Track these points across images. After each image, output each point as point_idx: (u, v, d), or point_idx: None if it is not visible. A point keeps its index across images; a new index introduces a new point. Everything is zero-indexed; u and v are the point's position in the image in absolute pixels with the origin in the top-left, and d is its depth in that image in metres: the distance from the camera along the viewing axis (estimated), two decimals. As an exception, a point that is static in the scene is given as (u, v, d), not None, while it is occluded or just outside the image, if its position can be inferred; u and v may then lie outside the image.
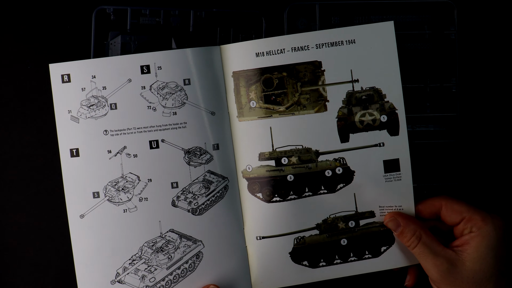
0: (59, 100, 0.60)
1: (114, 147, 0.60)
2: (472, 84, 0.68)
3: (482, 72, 0.68)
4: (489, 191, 0.68)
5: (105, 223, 0.60)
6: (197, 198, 0.60)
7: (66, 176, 0.59)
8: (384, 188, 0.60)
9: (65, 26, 0.66)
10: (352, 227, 0.61)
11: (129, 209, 0.60)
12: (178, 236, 0.60)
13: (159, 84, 0.60)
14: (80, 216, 0.59)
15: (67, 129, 0.59)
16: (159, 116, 0.60)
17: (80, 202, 0.59)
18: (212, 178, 0.60)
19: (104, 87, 0.60)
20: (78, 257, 0.59)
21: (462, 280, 0.55)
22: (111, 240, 0.60)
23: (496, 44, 0.68)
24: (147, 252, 0.60)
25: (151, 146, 0.60)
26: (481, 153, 0.68)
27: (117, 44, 0.65)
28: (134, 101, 0.60)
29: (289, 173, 0.60)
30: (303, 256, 0.61)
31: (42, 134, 0.66)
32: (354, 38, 0.59)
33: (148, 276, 0.60)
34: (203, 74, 0.60)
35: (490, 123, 0.68)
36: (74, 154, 0.59)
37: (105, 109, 0.60)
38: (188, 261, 0.60)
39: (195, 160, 0.60)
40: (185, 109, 0.60)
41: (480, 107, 0.68)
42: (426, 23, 0.66)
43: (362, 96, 0.58)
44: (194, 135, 0.60)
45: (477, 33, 0.68)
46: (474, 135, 0.68)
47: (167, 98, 0.60)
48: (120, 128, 0.60)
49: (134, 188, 0.60)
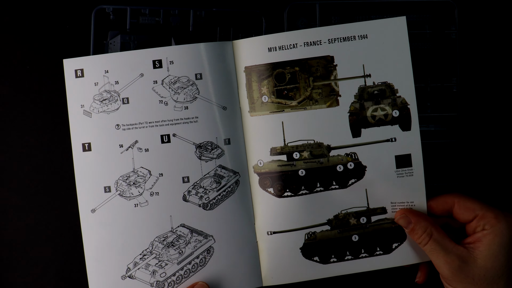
0: (72, 94, 0.59)
1: (125, 141, 0.59)
2: (473, 84, 0.68)
3: (483, 71, 0.68)
4: (490, 191, 0.68)
5: (116, 217, 0.59)
6: (208, 192, 0.60)
7: (78, 171, 0.59)
8: (396, 184, 0.59)
9: (64, 25, 0.65)
10: (364, 223, 0.61)
11: (140, 203, 0.59)
12: (189, 231, 0.60)
13: (171, 78, 0.60)
14: (92, 210, 0.59)
15: (79, 123, 0.59)
16: (171, 110, 0.60)
17: (92, 196, 0.59)
18: (223, 172, 0.60)
19: (117, 82, 0.59)
20: (88, 252, 0.59)
21: (473, 277, 0.54)
22: (122, 234, 0.59)
23: (497, 43, 0.68)
24: (158, 247, 0.59)
25: (163, 141, 0.60)
26: (482, 153, 0.68)
27: (116, 44, 0.64)
28: (146, 96, 0.60)
29: (301, 168, 0.60)
30: (314, 251, 0.61)
31: (41, 135, 0.65)
32: (366, 33, 0.58)
33: (159, 271, 0.59)
34: (215, 69, 0.60)
35: (491, 123, 0.68)
36: (86, 148, 0.59)
37: (117, 104, 0.59)
38: (199, 256, 0.60)
39: (206, 155, 0.60)
40: (196, 104, 0.60)
41: (481, 107, 0.68)
42: (426, 23, 0.66)
43: (374, 91, 0.58)
44: (205, 129, 0.60)
45: (478, 32, 0.68)
46: (475, 135, 0.67)
47: (179, 92, 0.60)
48: (132, 123, 0.59)
49: (145, 183, 0.59)
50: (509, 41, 0.68)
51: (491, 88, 0.68)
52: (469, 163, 0.67)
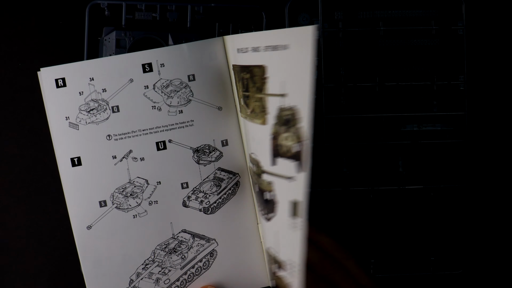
0: (54, 106, 0.57)
1: (119, 152, 0.57)
2: (480, 82, 0.67)
3: (491, 69, 0.67)
4: (498, 193, 0.67)
5: (115, 231, 0.57)
6: (209, 197, 0.58)
7: (68, 188, 0.57)
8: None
9: (57, 21, 0.65)
10: None
11: (139, 214, 0.58)
12: (190, 236, 0.58)
13: (163, 82, 0.58)
14: (87, 227, 0.57)
15: (65, 137, 0.57)
16: (165, 115, 0.58)
17: (86, 213, 0.57)
18: (223, 175, 0.59)
19: (104, 89, 0.57)
20: (87, 269, 0.57)
21: None
22: (122, 247, 0.57)
23: (505, 40, 0.67)
24: (160, 254, 0.58)
25: (158, 148, 0.58)
26: (490, 153, 0.67)
27: (111, 40, 0.64)
28: (138, 102, 0.57)
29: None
30: None
31: (33, 135, 0.65)
32: (287, 43, 0.46)
33: (163, 278, 0.58)
34: (207, 68, 0.58)
35: (500, 122, 0.67)
36: (76, 163, 0.57)
37: (107, 113, 0.57)
38: (202, 259, 0.59)
39: (205, 159, 0.58)
40: (191, 107, 0.58)
41: (489, 105, 0.67)
42: (433, 18, 0.65)
43: (285, 116, 0.46)
44: (202, 132, 0.58)
45: (486, 28, 0.67)
46: (483, 135, 0.67)
47: (172, 96, 0.58)
48: (124, 132, 0.57)
49: (143, 193, 0.58)
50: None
51: (500, 86, 0.67)
52: (477, 164, 0.67)
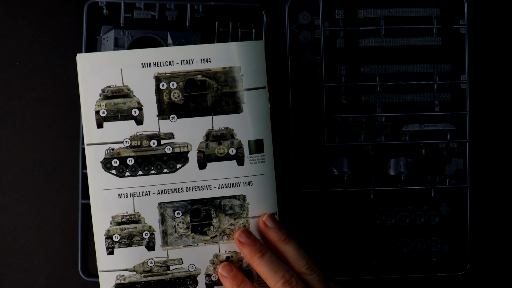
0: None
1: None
2: (483, 81, 0.66)
3: (493, 68, 0.66)
4: (501, 193, 0.67)
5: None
6: None
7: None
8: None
9: (55, 20, 0.64)
10: None
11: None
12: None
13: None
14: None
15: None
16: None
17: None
18: None
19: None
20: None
21: None
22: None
23: (508, 39, 0.67)
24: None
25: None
26: (493, 153, 0.66)
27: (110, 39, 0.63)
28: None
29: None
30: None
31: (31, 135, 0.64)
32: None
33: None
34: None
35: (502, 122, 0.66)
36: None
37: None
38: None
39: None
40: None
41: (491, 105, 0.66)
42: (434, 17, 0.65)
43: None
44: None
45: (488, 27, 0.67)
46: (486, 135, 0.66)
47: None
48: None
49: None
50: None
51: (502, 85, 0.67)
52: (480, 164, 0.66)
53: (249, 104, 0.56)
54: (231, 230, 0.56)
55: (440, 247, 0.65)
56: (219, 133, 0.56)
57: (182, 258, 0.56)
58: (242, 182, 0.56)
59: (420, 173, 0.65)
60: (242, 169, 0.56)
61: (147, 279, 0.56)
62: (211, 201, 0.56)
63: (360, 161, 0.64)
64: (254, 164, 0.56)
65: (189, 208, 0.56)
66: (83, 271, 0.63)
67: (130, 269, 0.56)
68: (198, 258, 0.56)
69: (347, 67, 0.64)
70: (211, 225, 0.56)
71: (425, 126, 0.65)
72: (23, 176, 0.64)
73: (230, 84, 0.55)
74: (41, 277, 0.64)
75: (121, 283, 0.56)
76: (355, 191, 0.65)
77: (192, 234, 0.56)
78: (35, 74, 0.64)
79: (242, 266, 0.57)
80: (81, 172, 0.63)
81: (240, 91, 0.56)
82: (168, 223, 0.56)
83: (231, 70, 0.55)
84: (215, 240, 0.56)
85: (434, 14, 0.65)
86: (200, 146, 0.56)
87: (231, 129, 0.56)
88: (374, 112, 0.65)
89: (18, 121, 0.64)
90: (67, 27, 0.64)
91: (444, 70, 0.65)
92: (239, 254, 0.56)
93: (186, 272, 0.56)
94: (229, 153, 0.56)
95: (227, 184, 0.56)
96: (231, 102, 0.55)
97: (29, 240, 0.64)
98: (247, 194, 0.56)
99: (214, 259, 0.56)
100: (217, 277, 0.56)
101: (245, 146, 0.56)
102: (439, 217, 0.65)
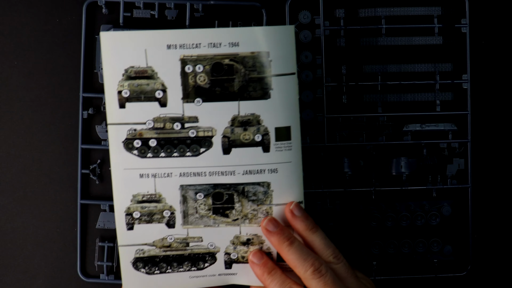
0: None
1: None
2: (484, 81, 0.66)
3: (495, 68, 0.66)
4: (503, 193, 0.66)
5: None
6: None
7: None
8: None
9: (54, 19, 0.64)
10: None
11: None
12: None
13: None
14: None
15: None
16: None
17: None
18: None
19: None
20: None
21: None
22: None
23: (510, 38, 0.66)
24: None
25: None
26: (495, 153, 0.66)
27: None
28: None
29: None
30: None
31: (29, 135, 0.64)
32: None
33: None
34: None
35: (504, 122, 0.66)
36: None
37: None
38: None
39: None
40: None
41: (493, 104, 0.66)
42: (436, 16, 0.65)
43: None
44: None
45: (490, 26, 0.66)
46: (487, 135, 0.66)
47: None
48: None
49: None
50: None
51: (504, 85, 0.66)
52: (481, 164, 0.66)
53: (277, 90, 0.55)
54: (254, 215, 0.56)
55: (441, 247, 0.65)
56: (245, 119, 0.55)
57: (202, 237, 0.56)
58: (267, 169, 0.56)
59: (422, 173, 0.65)
60: (268, 156, 0.56)
61: (166, 253, 0.56)
62: (234, 186, 0.56)
63: (361, 161, 0.64)
64: (280, 152, 0.56)
65: (212, 191, 0.56)
66: (82, 272, 0.63)
67: (149, 243, 0.56)
68: (218, 238, 0.57)
69: (347, 67, 0.64)
70: (233, 209, 0.56)
71: (427, 126, 0.65)
72: (22, 176, 0.64)
73: (258, 69, 0.55)
74: (40, 278, 0.64)
75: (140, 257, 0.56)
76: (356, 191, 0.64)
77: (213, 215, 0.56)
78: (34, 73, 0.64)
79: (263, 249, 0.57)
80: (80, 172, 0.63)
81: (268, 76, 0.55)
82: (189, 204, 0.56)
83: (260, 55, 0.54)
84: (237, 223, 0.56)
85: (436, 13, 0.64)
86: (225, 131, 0.55)
87: (258, 115, 0.55)
88: (375, 112, 0.64)
89: (17, 120, 0.64)
90: (66, 26, 0.64)
91: (445, 70, 0.65)
92: (260, 237, 0.57)
93: (205, 249, 0.57)
94: (254, 140, 0.56)
95: (251, 171, 0.56)
96: (258, 88, 0.55)
97: (28, 241, 0.64)
98: (272, 182, 0.56)
99: (235, 240, 0.57)
100: (237, 256, 0.57)
101: (271, 133, 0.56)
102: (440, 217, 0.65)
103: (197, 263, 0.57)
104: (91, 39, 0.63)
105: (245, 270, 0.57)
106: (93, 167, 0.63)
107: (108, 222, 0.63)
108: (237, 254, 0.57)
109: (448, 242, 0.65)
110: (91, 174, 0.63)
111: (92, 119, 0.64)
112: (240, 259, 0.57)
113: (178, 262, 0.56)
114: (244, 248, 0.57)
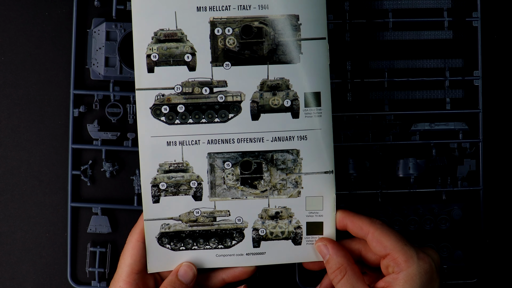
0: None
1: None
2: (496, 77, 0.65)
3: (508, 63, 0.66)
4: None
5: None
6: None
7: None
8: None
9: (43, 12, 0.64)
10: None
11: None
12: None
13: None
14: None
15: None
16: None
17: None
18: None
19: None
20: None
21: None
22: None
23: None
24: None
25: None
26: (508, 154, 0.66)
27: (101, 32, 0.62)
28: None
29: None
30: None
31: (16, 135, 0.64)
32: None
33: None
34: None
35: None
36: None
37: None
38: None
39: None
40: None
41: (506, 102, 0.66)
42: (445, 9, 0.64)
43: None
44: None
45: (503, 20, 0.66)
46: (500, 134, 0.65)
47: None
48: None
49: None
50: (537, 30, 0.66)
51: (517, 82, 0.66)
52: (493, 165, 0.65)
53: (307, 55, 0.55)
54: (282, 185, 0.56)
55: (451, 253, 0.64)
56: (274, 83, 0.55)
57: (229, 210, 0.56)
58: (296, 136, 0.55)
59: (430, 175, 0.64)
60: (297, 122, 0.55)
61: (192, 228, 0.56)
62: (263, 154, 0.56)
63: (367, 162, 0.63)
64: (310, 118, 0.55)
65: (240, 160, 0.56)
66: (73, 278, 0.62)
67: (175, 218, 0.56)
68: (246, 211, 0.56)
69: (353, 63, 0.63)
70: (262, 179, 0.56)
71: (436, 125, 0.64)
72: (9, 178, 0.63)
73: (287, 32, 0.55)
74: (28, 286, 0.63)
75: (166, 232, 0.56)
76: (362, 193, 0.63)
77: (241, 186, 0.56)
78: (22, 70, 0.63)
79: (292, 223, 0.56)
80: (70, 174, 0.62)
81: (298, 40, 0.55)
82: (217, 174, 0.56)
83: (289, 18, 0.55)
84: (265, 195, 0.56)
85: (445, 6, 0.64)
86: (254, 96, 0.55)
87: (287, 79, 0.55)
88: (381, 110, 0.63)
89: (4, 119, 0.63)
90: (56, 20, 0.63)
91: (455, 66, 0.64)
92: (289, 210, 0.56)
93: (233, 224, 0.56)
94: (283, 105, 0.55)
95: (280, 137, 0.56)
96: (287, 52, 0.55)
97: (15, 246, 0.63)
98: (301, 149, 0.56)
99: (263, 214, 0.56)
100: (265, 232, 0.56)
101: (300, 99, 0.55)
102: (451, 221, 0.64)
103: (224, 240, 0.56)
104: (82, 33, 0.62)
105: (274, 248, 0.57)
106: (84, 168, 0.62)
107: (100, 226, 0.63)
108: (265, 230, 0.56)
109: (458, 247, 0.64)
110: (82, 176, 0.62)
111: (83, 118, 0.63)
112: (268, 236, 0.56)
113: (205, 238, 0.56)
114: (273, 222, 0.56)
